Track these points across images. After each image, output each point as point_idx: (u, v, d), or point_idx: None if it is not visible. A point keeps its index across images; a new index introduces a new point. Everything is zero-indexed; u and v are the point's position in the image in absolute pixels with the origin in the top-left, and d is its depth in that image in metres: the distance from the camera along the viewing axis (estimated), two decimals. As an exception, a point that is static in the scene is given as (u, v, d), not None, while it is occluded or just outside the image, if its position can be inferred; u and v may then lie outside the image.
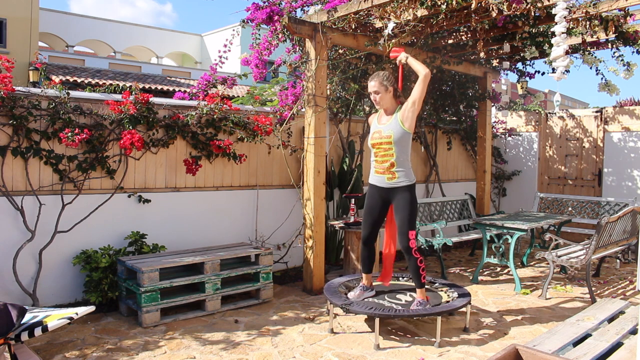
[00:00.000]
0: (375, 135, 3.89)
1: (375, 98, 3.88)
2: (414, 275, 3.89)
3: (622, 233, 5.24)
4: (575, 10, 4.53)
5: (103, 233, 4.58)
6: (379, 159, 3.88)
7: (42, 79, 13.25)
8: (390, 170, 3.83)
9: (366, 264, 4.15)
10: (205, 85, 5.49)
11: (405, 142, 3.82)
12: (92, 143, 4.42)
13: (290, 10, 5.13)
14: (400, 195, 3.84)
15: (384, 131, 3.83)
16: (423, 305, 3.84)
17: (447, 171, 7.93)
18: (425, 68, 3.78)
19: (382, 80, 3.85)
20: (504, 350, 2.21)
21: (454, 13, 4.68)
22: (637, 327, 3.05)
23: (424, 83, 3.76)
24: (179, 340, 3.79)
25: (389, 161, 3.82)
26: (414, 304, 3.87)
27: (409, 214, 3.80)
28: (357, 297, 4.06)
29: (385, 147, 3.82)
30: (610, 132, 7.62)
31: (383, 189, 3.91)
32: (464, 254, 7.23)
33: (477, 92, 7.32)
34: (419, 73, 3.78)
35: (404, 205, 3.82)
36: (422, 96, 3.80)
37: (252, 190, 5.59)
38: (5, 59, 4.09)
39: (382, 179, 3.88)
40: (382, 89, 3.85)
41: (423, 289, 3.90)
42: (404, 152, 3.83)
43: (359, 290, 4.12)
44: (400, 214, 3.83)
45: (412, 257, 3.82)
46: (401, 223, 3.82)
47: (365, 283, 4.17)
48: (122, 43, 23.20)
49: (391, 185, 3.85)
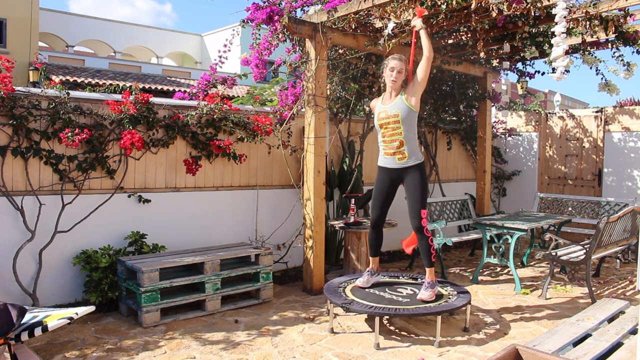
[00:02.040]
0: (381, 114, 3.95)
1: (396, 77, 3.89)
2: (424, 254, 3.96)
3: (622, 233, 5.24)
4: (575, 10, 4.53)
5: (103, 233, 4.59)
6: (388, 139, 3.93)
7: (42, 79, 13.25)
8: (399, 150, 3.88)
9: (373, 247, 4.22)
10: (205, 85, 5.49)
11: (412, 120, 3.89)
12: (92, 143, 4.42)
13: (290, 10, 5.13)
14: (411, 175, 3.91)
15: (390, 110, 3.90)
16: (432, 287, 3.92)
17: (447, 171, 7.93)
18: (430, 50, 3.88)
19: (405, 62, 3.94)
20: (504, 350, 2.21)
21: (454, 13, 4.69)
22: (637, 327, 3.05)
23: (427, 64, 3.87)
24: (179, 340, 3.79)
25: (397, 139, 3.88)
26: (424, 286, 3.95)
27: (420, 194, 3.88)
28: (365, 283, 4.17)
29: (393, 126, 3.88)
30: (610, 132, 7.62)
31: (394, 169, 3.96)
32: (464, 254, 7.23)
33: (477, 92, 7.32)
34: (424, 51, 3.87)
35: (414, 185, 3.89)
36: (426, 76, 3.89)
37: (252, 190, 5.59)
38: (5, 59, 4.09)
39: (392, 160, 3.94)
40: (404, 70, 3.93)
41: (432, 268, 3.99)
42: (411, 131, 3.90)
43: (367, 276, 4.21)
44: (411, 193, 3.91)
45: (423, 236, 3.91)
46: (413, 202, 3.90)
47: (372, 267, 4.24)
48: (122, 43, 23.21)
49: (402, 165, 3.92)
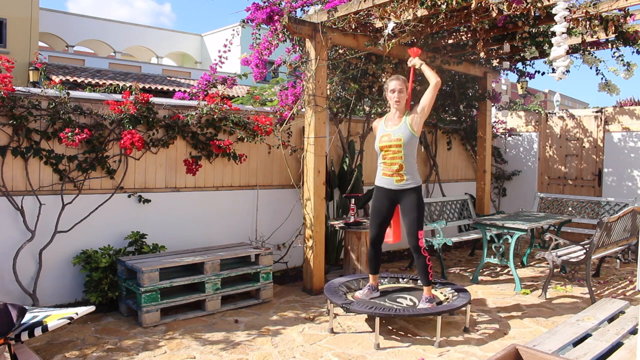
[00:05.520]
0: (384, 138, 3.95)
1: (398, 97, 3.91)
2: (421, 273, 3.96)
3: (622, 233, 5.24)
4: (575, 10, 4.53)
5: (103, 233, 4.58)
6: (388, 162, 3.93)
7: (42, 79, 13.24)
8: (398, 173, 3.89)
9: (373, 264, 4.21)
10: (205, 85, 5.49)
11: (413, 145, 3.91)
12: (92, 143, 4.42)
13: (290, 10, 5.13)
14: (408, 197, 3.91)
15: (394, 134, 3.90)
16: (431, 301, 3.92)
17: (447, 171, 7.93)
18: (436, 77, 3.87)
19: (404, 81, 3.96)
20: (504, 350, 2.21)
21: (454, 13, 4.69)
22: (637, 327, 3.05)
23: (434, 91, 3.87)
24: (179, 340, 3.79)
25: (397, 163, 3.89)
26: (422, 300, 3.95)
27: (417, 216, 3.89)
28: (365, 296, 4.14)
29: (395, 150, 3.88)
30: (610, 132, 7.62)
31: (391, 190, 3.96)
32: (464, 254, 7.23)
33: (477, 92, 7.32)
34: (430, 81, 3.88)
35: (411, 207, 3.90)
36: (431, 103, 3.91)
37: (252, 190, 5.59)
38: (5, 59, 4.08)
39: (390, 181, 3.94)
40: (405, 89, 3.94)
41: (430, 286, 3.98)
42: (411, 155, 3.92)
43: (367, 290, 4.20)
44: (408, 215, 3.91)
45: (420, 255, 3.91)
46: (410, 224, 3.90)
47: (373, 283, 4.22)
48: (122, 43, 23.21)
49: (399, 187, 3.92)
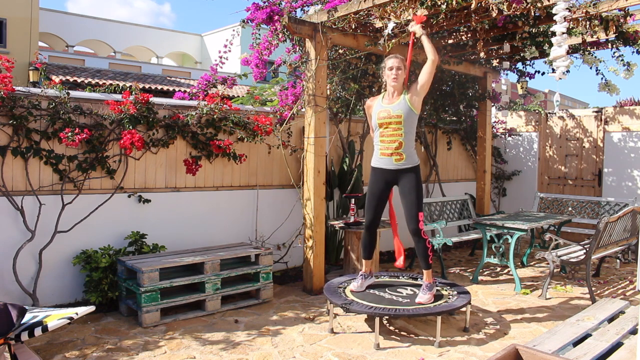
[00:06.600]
0: (382, 114, 3.88)
1: (396, 74, 3.84)
2: (421, 257, 3.93)
3: (622, 233, 5.24)
4: (575, 10, 4.52)
5: (103, 233, 4.58)
6: (387, 139, 3.86)
7: (42, 79, 13.24)
8: (397, 151, 3.83)
9: (367, 249, 4.17)
10: (205, 85, 5.49)
11: (412, 122, 3.86)
12: (92, 143, 4.42)
13: (290, 10, 5.12)
14: (406, 178, 3.85)
15: (393, 110, 3.83)
16: (430, 289, 3.90)
17: (447, 171, 7.93)
18: (435, 53, 3.80)
19: (402, 60, 3.90)
20: (504, 350, 2.21)
21: (454, 13, 4.68)
22: (637, 327, 3.05)
23: (431, 67, 3.80)
24: (179, 340, 3.79)
25: (397, 141, 3.82)
26: (422, 288, 3.93)
27: (416, 197, 3.83)
28: (359, 287, 4.13)
29: (395, 126, 3.82)
30: (610, 132, 7.62)
31: (389, 171, 3.90)
32: (464, 254, 7.23)
33: (477, 92, 7.32)
34: (428, 56, 3.80)
35: (410, 188, 3.84)
36: (429, 80, 3.83)
37: (252, 190, 5.59)
38: (5, 59, 4.08)
39: (389, 160, 3.87)
40: (403, 67, 3.88)
41: (430, 270, 3.96)
42: (411, 133, 3.86)
43: (360, 280, 4.17)
44: (408, 197, 3.85)
45: (420, 238, 3.87)
46: (410, 206, 3.84)
47: (365, 270, 4.20)
48: (122, 43, 23.21)
49: (398, 166, 3.86)
